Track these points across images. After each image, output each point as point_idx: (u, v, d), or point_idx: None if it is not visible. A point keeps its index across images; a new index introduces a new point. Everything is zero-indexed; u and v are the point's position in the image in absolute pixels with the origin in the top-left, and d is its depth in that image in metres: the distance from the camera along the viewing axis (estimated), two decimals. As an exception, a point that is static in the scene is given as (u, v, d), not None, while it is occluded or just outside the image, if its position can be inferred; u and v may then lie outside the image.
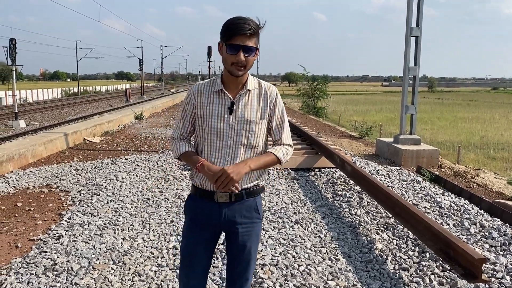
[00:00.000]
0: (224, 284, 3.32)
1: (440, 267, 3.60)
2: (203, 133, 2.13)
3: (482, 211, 5.13)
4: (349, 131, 15.76)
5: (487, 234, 4.32)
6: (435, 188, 6.22)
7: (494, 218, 4.83)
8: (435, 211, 5.08)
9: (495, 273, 3.48)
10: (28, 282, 3.44)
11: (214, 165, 2.06)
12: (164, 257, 3.90)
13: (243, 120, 2.08)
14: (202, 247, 2.19)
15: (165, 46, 53.70)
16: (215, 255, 3.82)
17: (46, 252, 4.03)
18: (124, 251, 4.03)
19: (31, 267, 3.71)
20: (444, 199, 5.47)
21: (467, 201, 5.63)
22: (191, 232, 2.19)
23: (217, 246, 3.94)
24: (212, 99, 2.10)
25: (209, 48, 29.16)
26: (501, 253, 3.89)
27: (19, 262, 3.84)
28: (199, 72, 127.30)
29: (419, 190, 6.05)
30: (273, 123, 2.19)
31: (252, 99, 2.12)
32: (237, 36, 1.94)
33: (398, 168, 7.78)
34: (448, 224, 4.65)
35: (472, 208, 5.17)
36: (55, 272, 3.60)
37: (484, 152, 13.12)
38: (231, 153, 2.09)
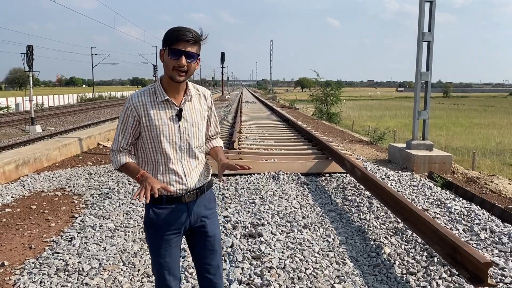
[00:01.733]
0: (231, 286, 3.37)
1: (448, 272, 3.58)
2: (154, 143, 2.14)
3: (493, 217, 5.07)
4: (362, 137, 15.69)
5: (497, 239, 4.28)
6: (446, 194, 6.17)
7: (506, 224, 4.78)
8: (445, 216, 5.05)
9: (503, 278, 3.45)
10: (41, 282, 3.53)
11: (174, 170, 2.15)
12: (173, 259, 3.94)
13: (192, 123, 2.19)
14: (177, 254, 2.27)
15: (179, 52, 54.25)
16: (223, 257, 3.85)
17: (58, 253, 4.13)
18: (134, 253, 4.09)
19: (44, 267, 3.80)
20: (455, 205, 5.43)
21: (478, 206, 5.57)
22: (164, 242, 2.20)
23: (225, 249, 4.01)
24: (159, 109, 2.13)
25: (222, 54, 29.41)
26: (511, 258, 3.85)
27: (32, 263, 3.94)
28: (213, 78, 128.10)
29: (429, 195, 6.01)
30: (212, 120, 2.38)
31: (194, 102, 2.23)
32: (180, 42, 2.02)
33: (409, 173, 7.73)
34: (458, 229, 4.62)
35: (483, 214, 5.12)
36: (66, 273, 3.68)
37: (500, 158, 12.95)
38: (186, 156, 2.19)
